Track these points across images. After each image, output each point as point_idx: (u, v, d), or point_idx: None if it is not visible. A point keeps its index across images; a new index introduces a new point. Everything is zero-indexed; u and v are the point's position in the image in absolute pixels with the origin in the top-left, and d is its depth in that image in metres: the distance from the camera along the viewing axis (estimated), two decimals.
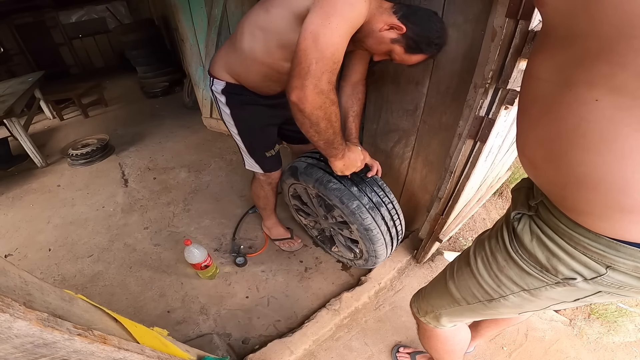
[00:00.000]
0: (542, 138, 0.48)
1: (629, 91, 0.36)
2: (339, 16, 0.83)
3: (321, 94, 0.87)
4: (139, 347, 0.59)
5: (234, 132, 1.34)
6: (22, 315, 0.37)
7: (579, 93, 0.40)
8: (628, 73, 0.35)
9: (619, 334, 1.41)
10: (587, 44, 0.39)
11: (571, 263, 0.51)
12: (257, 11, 1.03)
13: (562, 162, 0.46)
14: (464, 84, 1.10)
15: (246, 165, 1.47)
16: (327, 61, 0.84)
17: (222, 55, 1.21)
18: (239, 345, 1.41)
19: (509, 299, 0.65)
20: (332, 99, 0.91)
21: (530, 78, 0.50)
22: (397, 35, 0.95)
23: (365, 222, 1.24)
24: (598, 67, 0.38)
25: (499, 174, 1.93)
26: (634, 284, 0.48)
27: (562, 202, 0.50)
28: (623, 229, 0.44)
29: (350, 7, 0.84)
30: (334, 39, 0.83)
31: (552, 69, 0.45)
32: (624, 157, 0.39)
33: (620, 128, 0.37)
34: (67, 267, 1.86)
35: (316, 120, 0.92)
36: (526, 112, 0.52)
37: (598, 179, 0.42)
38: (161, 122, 3.64)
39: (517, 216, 0.60)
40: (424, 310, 0.93)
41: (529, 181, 0.63)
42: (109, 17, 6.54)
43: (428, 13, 0.96)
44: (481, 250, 0.70)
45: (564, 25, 0.43)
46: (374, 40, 0.98)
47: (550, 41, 0.46)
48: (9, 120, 2.66)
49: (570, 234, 0.50)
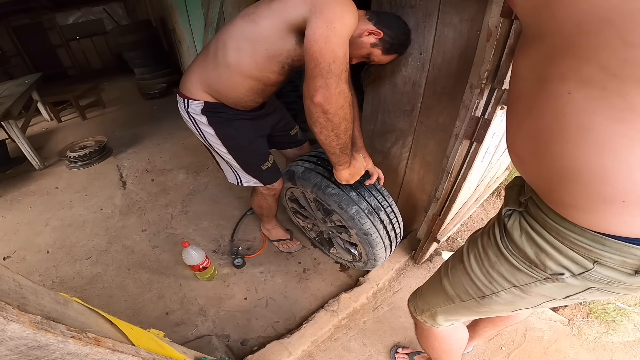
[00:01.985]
0: (527, 134, 0.49)
1: (596, 83, 0.37)
2: (340, 20, 0.86)
3: (342, 93, 0.90)
4: (133, 349, 0.59)
5: (223, 152, 1.28)
6: (15, 318, 0.38)
7: (553, 87, 0.42)
8: (593, 66, 0.37)
9: (618, 333, 1.41)
10: (554, 40, 0.41)
11: (559, 258, 0.52)
12: (242, 24, 1.02)
13: (545, 156, 0.47)
14: (460, 84, 1.11)
15: (243, 183, 1.40)
16: (342, 60, 0.88)
17: (196, 73, 1.15)
18: (237, 346, 1.41)
19: (501, 296, 0.66)
20: (350, 100, 0.94)
21: (514, 77, 0.52)
22: (375, 40, 1.03)
23: (365, 227, 1.24)
24: (566, 61, 0.40)
25: (497, 174, 1.93)
26: (622, 279, 0.48)
27: (549, 196, 0.51)
28: (607, 222, 0.44)
29: (348, 12, 0.88)
30: (342, 40, 0.87)
31: (530, 67, 0.46)
32: (600, 147, 0.40)
33: (594, 118, 0.39)
34: (65, 269, 1.86)
35: (338, 122, 0.94)
36: (513, 110, 0.54)
37: (579, 170, 0.43)
38: (159, 124, 3.64)
39: (507, 212, 0.61)
40: (421, 308, 0.93)
41: (521, 179, 0.64)
42: (106, 19, 6.52)
43: (394, 17, 1.06)
44: (474, 247, 0.71)
45: (534, 24, 0.45)
46: (355, 46, 1.03)
47: (527, 40, 0.47)
48: (6, 123, 2.66)
49: (557, 228, 0.50)
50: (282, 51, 1.01)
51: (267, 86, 1.13)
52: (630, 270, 0.46)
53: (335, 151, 1.05)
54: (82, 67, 6.88)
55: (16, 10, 5.65)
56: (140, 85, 4.65)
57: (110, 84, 5.56)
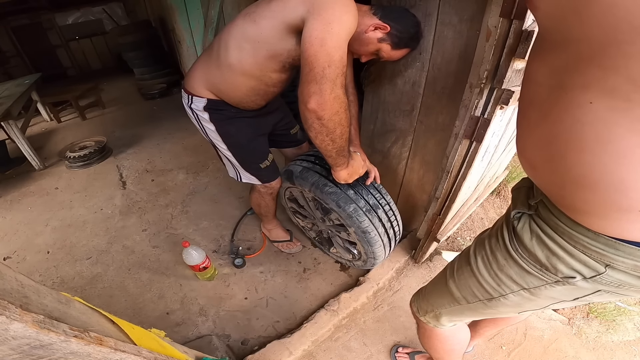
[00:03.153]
0: (540, 140, 0.49)
1: (621, 94, 0.36)
2: (338, 21, 0.85)
3: (337, 99, 0.89)
4: (135, 348, 0.59)
5: (223, 148, 1.30)
6: (18, 317, 0.38)
7: (573, 96, 0.41)
8: (620, 77, 0.36)
9: (618, 332, 1.42)
10: (580, 48, 0.39)
11: (571, 262, 0.51)
12: (243, 24, 1.02)
13: (560, 164, 0.46)
14: (460, 84, 1.11)
15: (242, 179, 1.42)
16: (338, 64, 0.86)
17: (199, 71, 1.17)
18: (238, 346, 1.41)
19: (509, 298, 0.66)
20: (346, 104, 0.93)
21: (528, 81, 0.51)
22: (382, 35, 0.99)
23: (363, 224, 1.25)
24: (591, 70, 0.38)
25: (497, 173, 1.93)
26: (633, 282, 0.48)
27: (561, 201, 0.50)
28: (621, 228, 0.44)
29: (347, 13, 0.86)
30: (340, 42, 0.86)
31: (548, 73, 0.45)
32: (619, 158, 0.39)
33: (614, 129, 0.38)
34: (65, 269, 1.86)
35: (333, 127, 0.93)
36: (525, 115, 0.53)
37: (595, 180, 0.42)
38: (159, 124, 3.64)
39: (517, 215, 0.61)
40: (424, 309, 0.93)
41: (529, 181, 0.63)
42: (105, 19, 6.51)
43: (402, 10, 1.02)
44: (481, 249, 0.70)
45: (557, 30, 0.43)
46: (361, 42, 1.01)
47: (546, 45, 0.46)
48: (6, 123, 2.65)
49: (569, 232, 0.50)
50: (282, 51, 1.01)
51: (269, 87, 1.13)
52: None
53: (332, 154, 1.05)
54: (82, 68, 6.87)
55: (15, 11, 5.65)
56: (140, 85, 4.65)
57: (109, 84, 5.56)
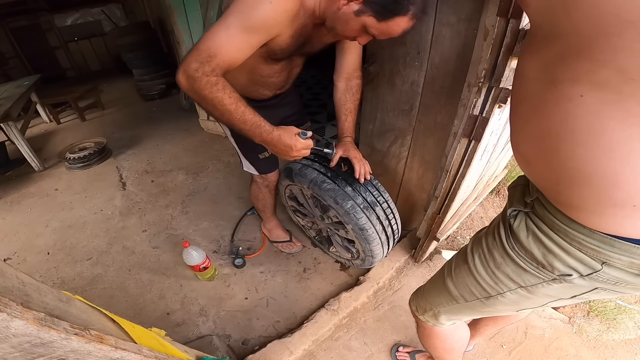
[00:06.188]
0: (533, 135, 0.49)
1: (612, 86, 0.36)
2: (234, 15, 0.83)
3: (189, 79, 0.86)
4: (136, 347, 0.59)
5: (228, 134, 1.34)
6: (19, 314, 0.38)
7: (564, 89, 0.41)
8: (609, 69, 0.36)
9: (619, 331, 1.42)
10: (569, 42, 0.40)
11: (567, 259, 0.52)
12: None
13: (553, 158, 0.46)
14: (458, 83, 1.11)
15: (244, 167, 1.48)
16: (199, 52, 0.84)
17: None
18: (238, 346, 1.41)
19: (506, 296, 0.66)
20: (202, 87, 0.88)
21: (519, 77, 0.51)
22: (358, 6, 0.84)
23: (360, 221, 1.25)
24: (580, 64, 0.39)
25: (496, 172, 1.94)
26: (630, 280, 0.48)
27: (557, 197, 0.50)
28: (617, 224, 0.44)
29: (250, 8, 0.83)
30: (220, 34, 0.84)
31: (538, 67, 0.45)
32: (612, 151, 0.39)
33: (606, 122, 0.38)
34: (66, 270, 1.86)
35: (197, 100, 0.92)
36: (517, 110, 0.53)
37: (589, 174, 0.42)
38: (158, 125, 3.64)
39: (513, 213, 0.61)
40: (423, 308, 0.93)
41: (525, 178, 0.63)
42: (104, 20, 6.50)
43: None
44: (478, 247, 0.70)
45: (547, 24, 0.43)
46: (341, 22, 0.89)
47: (536, 40, 0.46)
48: (5, 124, 2.65)
49: (565, 230, 0.50)
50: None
51: (265, 77, 1.13)
52: (638, 271, 0.46)
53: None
54: (81, 69, 6.86)
55: (14, 12, 5.64)
56: (139, 86, 4.64)
57: (109, 86, 5.55)
